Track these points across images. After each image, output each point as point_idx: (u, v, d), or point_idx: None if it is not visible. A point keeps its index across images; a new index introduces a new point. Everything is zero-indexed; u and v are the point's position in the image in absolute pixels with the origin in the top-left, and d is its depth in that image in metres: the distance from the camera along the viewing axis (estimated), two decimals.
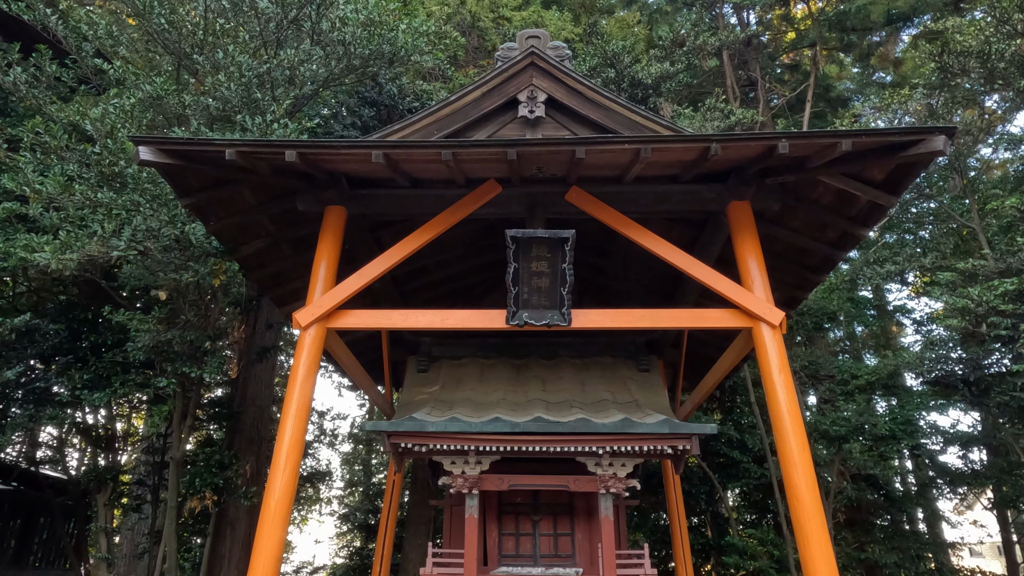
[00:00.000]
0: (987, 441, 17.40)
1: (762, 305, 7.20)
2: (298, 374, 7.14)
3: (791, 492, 6.59)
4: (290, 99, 8.85)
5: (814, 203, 7.96)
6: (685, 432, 7.81)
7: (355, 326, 7.53)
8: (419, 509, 17.53)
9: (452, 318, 7.46)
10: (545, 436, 7.91)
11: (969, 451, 18.39)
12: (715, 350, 11.79)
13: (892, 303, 23.58)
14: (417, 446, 8.03)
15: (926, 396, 16.66)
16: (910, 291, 23.66)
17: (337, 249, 7.80)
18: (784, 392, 6.88)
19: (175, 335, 8.63)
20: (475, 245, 10.92)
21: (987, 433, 17.57)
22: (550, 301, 7.25)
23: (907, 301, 23.28)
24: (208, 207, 7.84)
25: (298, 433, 6.94)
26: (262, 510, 6.65)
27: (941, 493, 19.91)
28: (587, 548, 9.39)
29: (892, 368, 15.37)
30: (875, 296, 22.95)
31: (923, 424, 17.96)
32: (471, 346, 11.30)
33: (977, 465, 18.01)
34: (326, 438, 29.44)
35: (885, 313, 23.23)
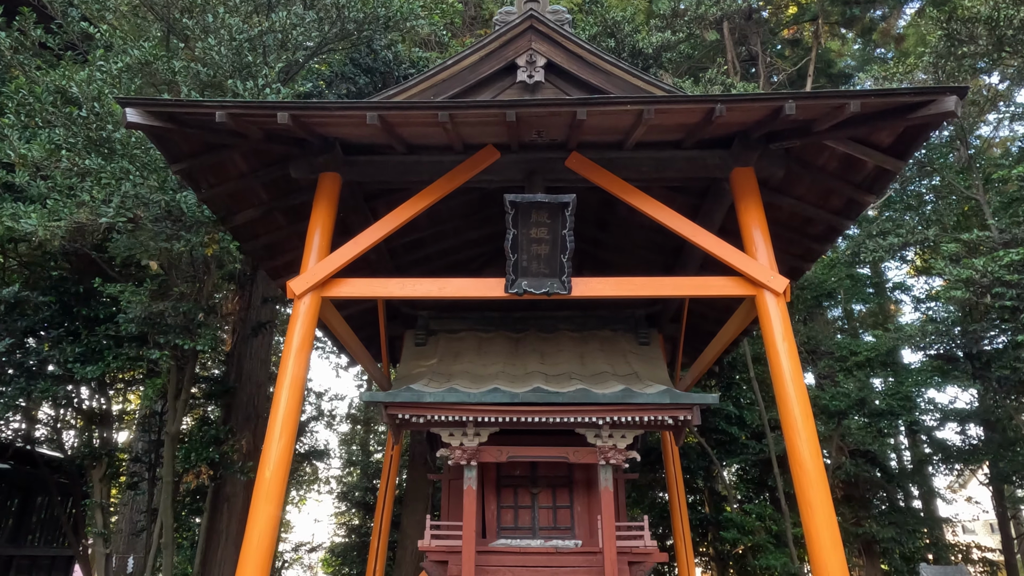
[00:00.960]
0: (985, 417, 17.41)
1: (766, 272, 7.06)
2: (292, 345, 7.00)
3: (795, 460, 6.49)
4: (282, 63, 8.61)
5: (819, 169, 7.79)
6: (686, 402, 7.70)
7: (351, 295, 7.37)
8: (417, 486, 17.50)
9: (450, 287, 7.31)
10: (544, 407, 7.81)
11: (966, 427, 18.42)
12: (715, 324, 11.67)
13: (891, 281, 23.52)
14: (415, 417, 7.92)
15: (925, 372, 16.63)
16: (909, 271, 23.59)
17: (332, 217, 7.62)
18: (788, 360, 6.76)
19: (167, 306, 8.47)
20: (473, 216, 10.74)
21: (985, 409, 17.57)
22: (550, 269, 7.10)
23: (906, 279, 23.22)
24: (199, 174, 7.64)
25: (293, 405, 6.81)
26: (256, 484, 6.53)
27: (937, 470, 19.98)
28: (586, 520, 9.33)
29: (892, 343, 15.31)
30: (873, 273, 22.86)
31: (921, 401, 17.98)
32: (469, 320, 11.17)
33: (975, 441, 18.04)
34: (324, 418, 29.51)
35: (883, 292, 23.16)
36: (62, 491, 15.62)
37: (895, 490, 19.08)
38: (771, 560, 14.35)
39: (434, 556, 8.43)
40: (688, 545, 11.30)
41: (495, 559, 8.40)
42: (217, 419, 13.94)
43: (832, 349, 18.50)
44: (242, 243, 8.94)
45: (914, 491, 20.03)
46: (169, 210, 8.02)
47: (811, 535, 6.24)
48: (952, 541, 19.37)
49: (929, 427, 18.72)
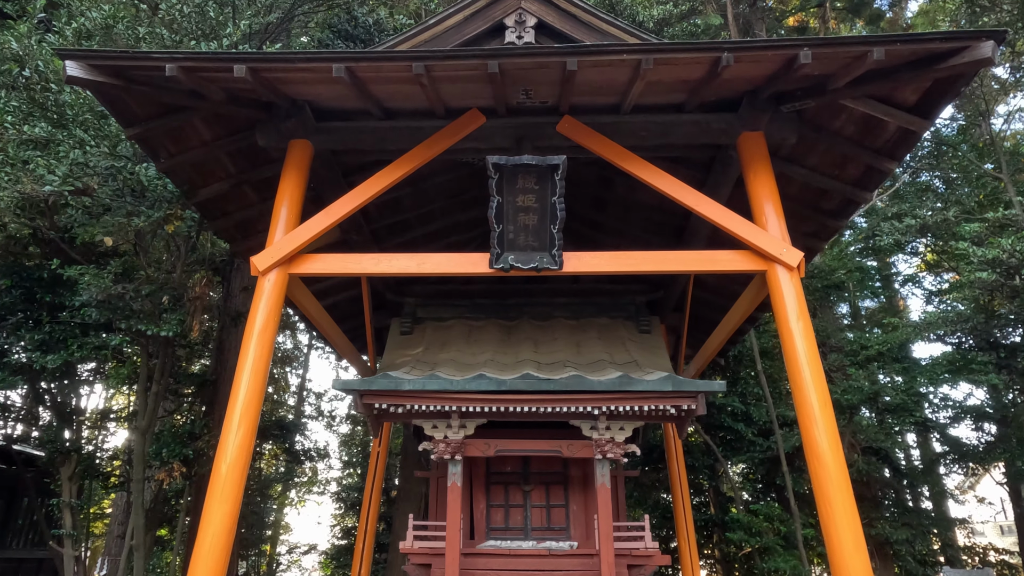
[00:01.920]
0: (1002, 414, 16.69)
1: (778, 244, 6.38)
2: (255, 325, 6.35)
3: (812, 453, 5.81)
4: (249, 21, 7.95)
5: (835, 134, 7.10)
6: (690, 390, 7.02)
7: (321, 272, 6.72)
8: (410, 485, 16.83)
9: (429, 263, 6.64)
10: (535, 395, 7.13)
11: (981, 424, 17.70)
12: (720, 312, 10.93)
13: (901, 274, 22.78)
14: (393, 407, 7.25)
15: (940, 366, 15.91)
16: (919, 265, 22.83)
17: (301, 187, 6.97)
18: (803, 342, 6.09)
19: (128, 289, 7.82)
20: (459, 197, 10.07)
21: (1001, 406, 16.85)
22: (539, 241, 6.43)
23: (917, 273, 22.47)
24: (157, 140, 7.00)
25: (254, 393, 6.15)
26: (210, 481, 5.90)
27: (949, 469, 19.25)
28: (582, 520, 8.65)
29: (908, 335, 14.60)
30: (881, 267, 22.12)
31: (933, 397, 17.27)
32: (459, 307, 10.51)
33: (990, 438, 17.31)
34: (324, 418, 28.93)
35: (891, 286, 22.42)
36: (40, 490, 15.00)
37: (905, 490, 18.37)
38: (780, 563, 13.64)
39: (416, 559, 7.77)
40: (693, 547, 10.61)
41: (483, 562, 7.73)
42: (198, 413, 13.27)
43: (841, 344, 17.79)
44: (210, 221, 8.30)
45: (924, 491, 19.31)
46: (129, 183, 7.35)
47: (831, 536, 5.55)
48: (967, 543, 18.65)
49: (942, 424, 18.00)
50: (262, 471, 25.98)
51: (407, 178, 9.21)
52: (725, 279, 10.43)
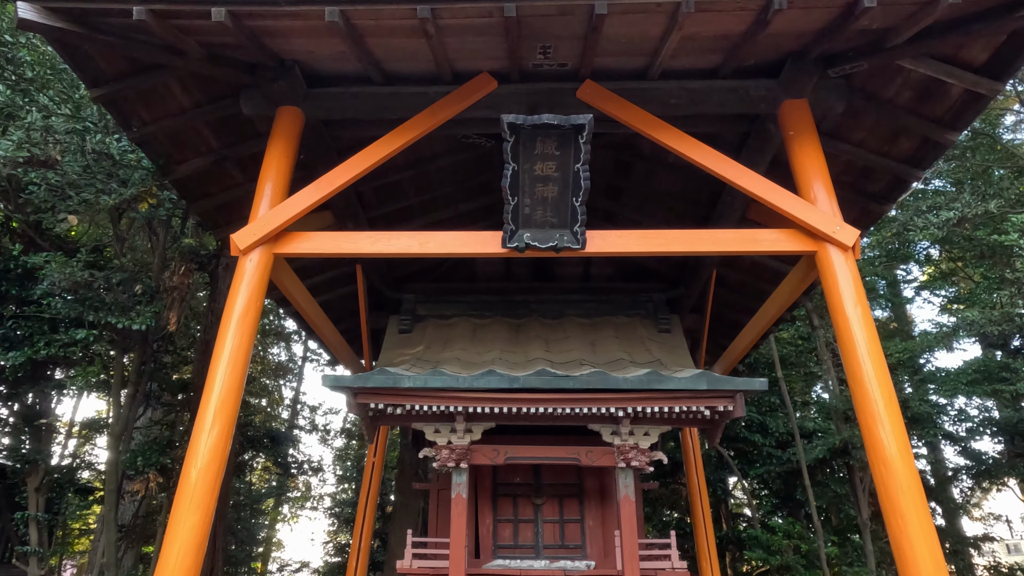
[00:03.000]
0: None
1: (830, 221, 5.62)
2: (234, 310, 5.55)
3: (877, 457, 5.00)
4: None
5: (888, 103, 6.37)
6: (727, 389, 6.22)
7: (310, 251, 5.93)
8: (408, 499, 15.89)
9: (433, 242, 5.86)
10: (551, 394, 6.32)
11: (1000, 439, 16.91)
12: (744, 313, 10.19)
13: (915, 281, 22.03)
14: (391, 407, 6.43)
15: (963, 375, 15.11)
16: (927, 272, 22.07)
17: (289, 159, 6.20)
18: (863, 330, 5.31)
19: (98, 277, 7.01)
20: (465, 184, 9.31)
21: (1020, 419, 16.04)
22: (558, 217, 5.66)
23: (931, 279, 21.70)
24: (128, 104, 6.23)
25: (232, 387, 5.35)
26: (179, 485, 5.07)
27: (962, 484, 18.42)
28: (600, 537, 7.81)
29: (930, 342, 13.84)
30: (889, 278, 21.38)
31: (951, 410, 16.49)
32: (462, 304, 9.73)
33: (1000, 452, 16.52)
34: (318, 432, 28.00)
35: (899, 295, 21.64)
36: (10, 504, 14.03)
37: None
38: None
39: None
40: (715, 568, 9.75)
41: None
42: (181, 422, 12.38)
43: None
44: (190, 203, 7.53)
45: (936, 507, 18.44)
46: (99, 157, 6.57)
47: (904, 553, 4.74)
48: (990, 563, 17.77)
49: (961, 437, 17.18)
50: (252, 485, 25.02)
51: (408, 162, 8.57)
52: (751, 275, 9.68)
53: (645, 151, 8.45)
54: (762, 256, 9.14)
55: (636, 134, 8.14)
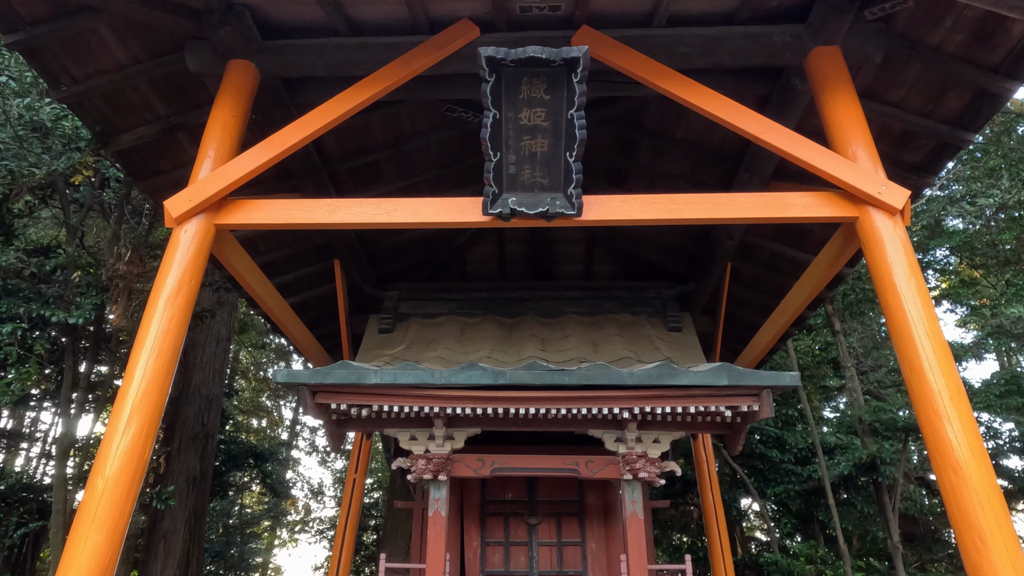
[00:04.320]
0: None
1: (874, 181, 4.72)
2: (163, 289, 4.66)
3: (943, 461, 4.04)
4: None
5: (935, 50, 5.47)
6: (753, 384, 5.25)
7: (258, 222, 5.04)
8: (399, 521, 14.90)
9: (403, 210, 4.97)
10: (545, 392, 5.37)
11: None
12: (760, 313, 9.26)
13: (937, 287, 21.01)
14: (355, 408, 5.49)
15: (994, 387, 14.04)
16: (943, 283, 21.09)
17: (238, 119, 5.35)
18: (918, 307, 4.37)
19: (30, 263, 6.14)
20: (452, 167, 8.43)
21: None
22: (549, 177, 4.77)
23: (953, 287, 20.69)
24: (51, 55, 5.40)
25: (157, 377, 4.43)
26: (84, 499, 4.13)
27: None
28: (603, 562, 6.80)
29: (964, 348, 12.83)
30: None
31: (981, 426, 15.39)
32: (450, 302, 8.81)
33: None
34: (318, 454, 27.06)
35: None
36: None
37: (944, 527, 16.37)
38: None
39: None
40: None
41: None
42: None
43: (880, 362, 15.99)
44: (138, 180, 6.67)
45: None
46: (29, 124, 5.73)
47: None
48: None
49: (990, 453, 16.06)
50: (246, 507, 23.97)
51: (387, 140, 7.72)
52: (769, 268, 8.74)
53: (650, 126, 7.59)
54: (782, 246, 8.24)
55: (640, 105, 7.40)
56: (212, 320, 13.83)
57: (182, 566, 12.03)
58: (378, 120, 7.29)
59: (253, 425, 26.06)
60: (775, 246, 8.27)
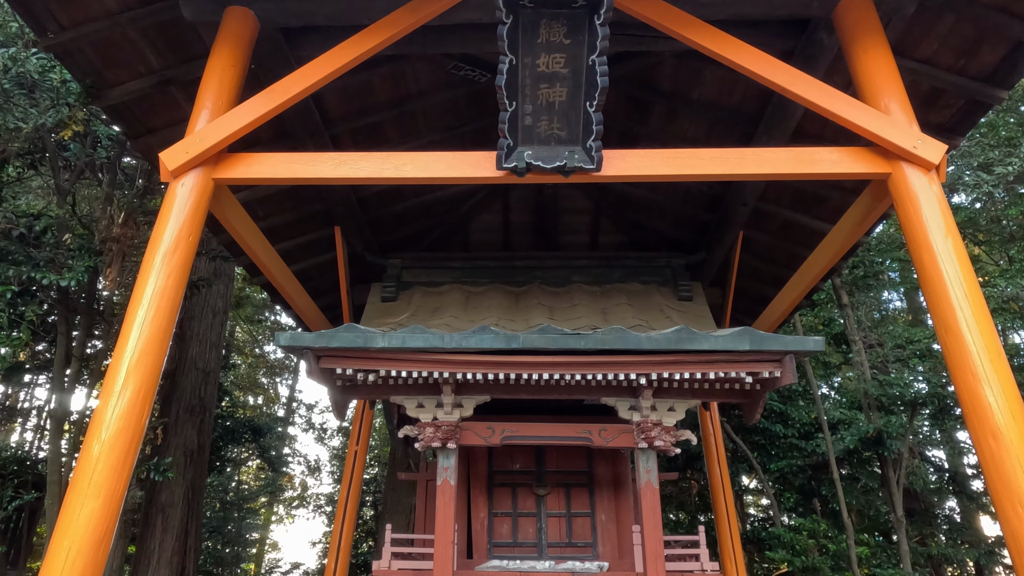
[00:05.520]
0: None
1: (908, 135, 4.48)
2: (160, 245, 4.41)
3: (981, 427, 3.85)
4: None
5: (970, 1, 5.20)
6: (775, 349, 5.05)
7: (259, 177, 4.78)
8: (400, 496, 14.82)
9: (411, 165, 4.71)
10: (558, 357, 5.16)
11: None
12: (771, 284, 9.08)
13: None
14: (362, 373, 5.28)
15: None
16: None
17: (237, 69, 5.07)
18: (956, 268, 4.16)
19: (19, 223, 5.87)
20: (457, 129, 8.15)
21: None
22: (568, 128, 4.51)
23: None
24: (36, 1, 5.08)
25: (155, 338, 4.20)
26: (78, 464, 3.91)
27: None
28: (614, 534, 6.66)
29: None
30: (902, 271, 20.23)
31: None
32: (454, 270, 8.59)
33: None
34: (315, 432, 26.96)
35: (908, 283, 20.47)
36: None
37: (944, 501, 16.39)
38: None
39: None
40: (741, 569, 8.57)
41: None
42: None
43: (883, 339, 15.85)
44: (131, 138, 6.38)
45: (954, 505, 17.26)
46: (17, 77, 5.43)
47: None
48: None
49: None
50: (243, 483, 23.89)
51: (391, 99, 7.41)
52: (782, 237, 8.52)
53: (664, 86, 7.31)
54: (797, 213, 8.02)
55: (654, 64, 7.11)
56: (208, 292, 13.58)
57: (180, 539, 11.91)
58: (381, 79, 6.99)
59: (249, 402, 25.92)
60: (790, 214, 8.05)
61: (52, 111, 5.53)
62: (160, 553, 11.60)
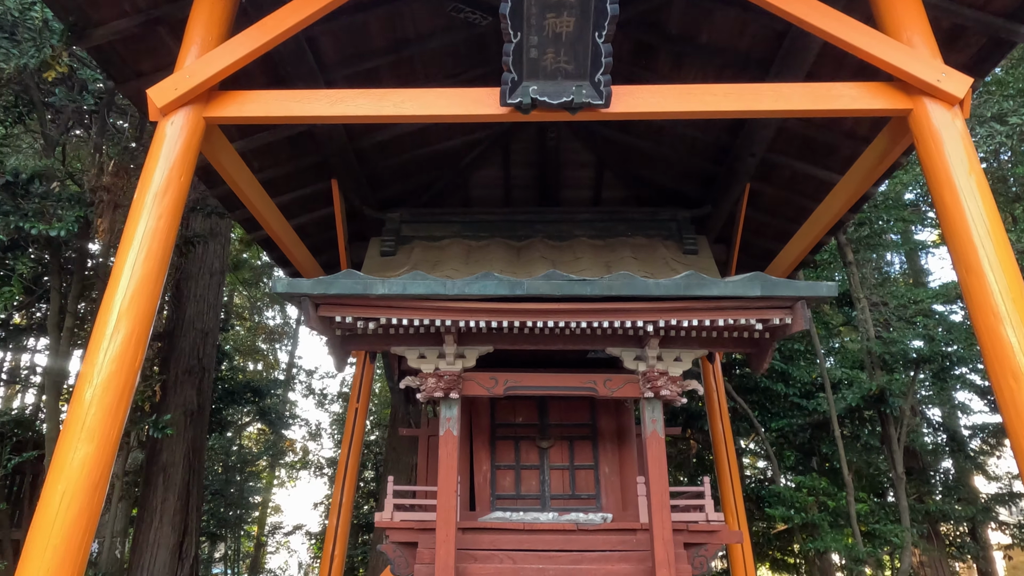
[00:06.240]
0: None
1: (931, 67, 4.28)
2: (150, 186, 4.24)
3: (1002, 367, 3.75)
4: None
5: None
6: (787, 295, 4.92)
7: (250, 115, 4.58)
8: (400, 455, 14.85)
9: (411, 102, 4.52)
10: (565, 305, 5.03)
11: None
12: (776, 239, 8.91)
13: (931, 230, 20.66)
14: (362, 321, 5.14)
15: None
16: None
17: (227, 1, 4.81)
18: (980, 206, 4.02)
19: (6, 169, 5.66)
20: (459, 76, 7.88)
21: None
22: (575, 62, 4.30)
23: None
24: None
25: (147, 279, 4.05)
26: (70, 409, 3.79)
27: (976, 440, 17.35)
28: (617, 486, 6.61)
29: None
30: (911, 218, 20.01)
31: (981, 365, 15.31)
32: (455, 224, 8.41)
33: None
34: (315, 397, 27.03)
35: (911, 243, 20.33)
36: None
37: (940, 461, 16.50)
38: (829, 541, 11.66)
39: (397, 535, 5.71)
40: (743, 523, 8.59)
41: (487, 539, 5.67)
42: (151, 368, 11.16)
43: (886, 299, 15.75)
44: (118, 83, 6.13)
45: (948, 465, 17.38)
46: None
47: None
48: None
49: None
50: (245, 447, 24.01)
51: (388, 44, 7.12)
52: (790, 190, 8.33)
53: (672, 29, 7.05)
54: (806, 164, 7.82)
55: (661, 6, 6.84)
56: (205, 252, 13.42)
57: (182, 498, 11.94)
58: (377, 20, 6.72)
59: (249, 368, 25.92)
60: (799, 165, 7.84)
61: (34, 51, 5.28)
62: (162, 512, 11.63)
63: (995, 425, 16.19)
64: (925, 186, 15.68)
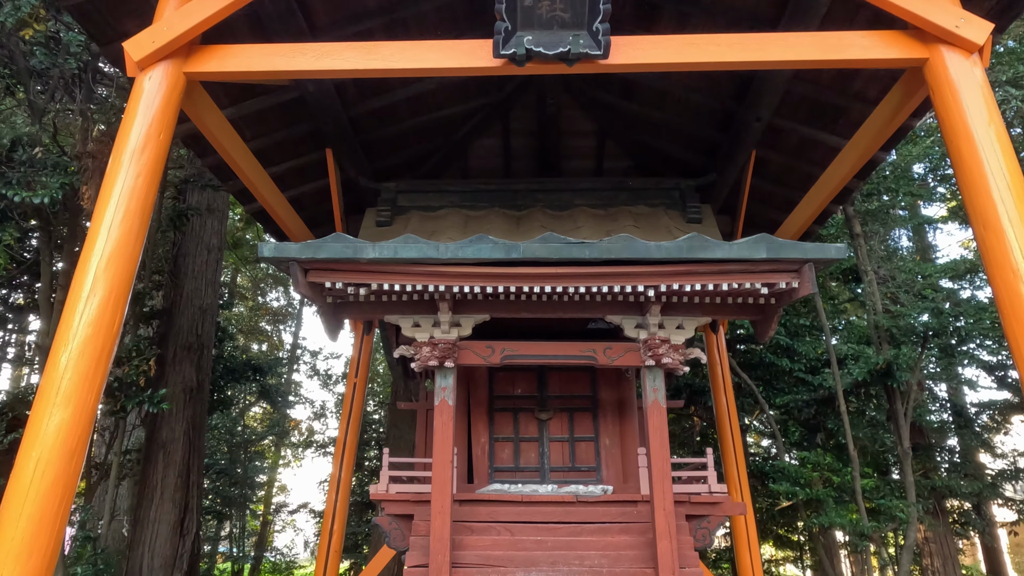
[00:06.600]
0: None
1: (949, 12, 4.04)
2: (127, 143, 4.05)
3: (1020, 328, 3.55)
4: None
5: None
6: (794, 258, 4.72)
7: (233, 70, 4.37)
8: (401, 431, 14.78)
9: (401, 56, 4.31)
10: (563, 269, 4.84)
11: None
12: (781, 209, 8.68)
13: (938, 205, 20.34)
14: (353, 287, 4.97)
15: None
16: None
17: None
18: (999, 159, 3.80)
19: None
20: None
21: None
22: (572, 10, 4.08)
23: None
24: None
25: (125, 240, 3.88)
26: (44, 374, 3.65)
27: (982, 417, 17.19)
28: (618, 458, 6.47)
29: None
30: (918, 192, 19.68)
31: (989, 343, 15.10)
32: (452, 194, 8.21)
33: None
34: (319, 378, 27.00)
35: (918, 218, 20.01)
36: None
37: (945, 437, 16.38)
38: (834, 517, 11.56)
39: (393, 508, 5.59)
40: (747, 496, 8.47)
41: (484, 511, 5.54)
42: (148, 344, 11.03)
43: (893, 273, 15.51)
44: (101, 44, 5.89)
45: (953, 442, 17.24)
46: None
47: None
48: None
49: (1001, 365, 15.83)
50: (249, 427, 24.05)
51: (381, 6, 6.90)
52: (797, 157, 8.09)
53: None
54: (814, 129, 7.57)
55: None
56: (202, 228, 13.26)
57: (183, 475, 11.90)
58: None
59: (253, 348, 25.89)
60: (806, 130, 7.60)
61: (11, 9, 5.07)
62: (163, 489, 11.59)
63: (1002, 402, 16.00)
64: (934, 160, 15.44)
